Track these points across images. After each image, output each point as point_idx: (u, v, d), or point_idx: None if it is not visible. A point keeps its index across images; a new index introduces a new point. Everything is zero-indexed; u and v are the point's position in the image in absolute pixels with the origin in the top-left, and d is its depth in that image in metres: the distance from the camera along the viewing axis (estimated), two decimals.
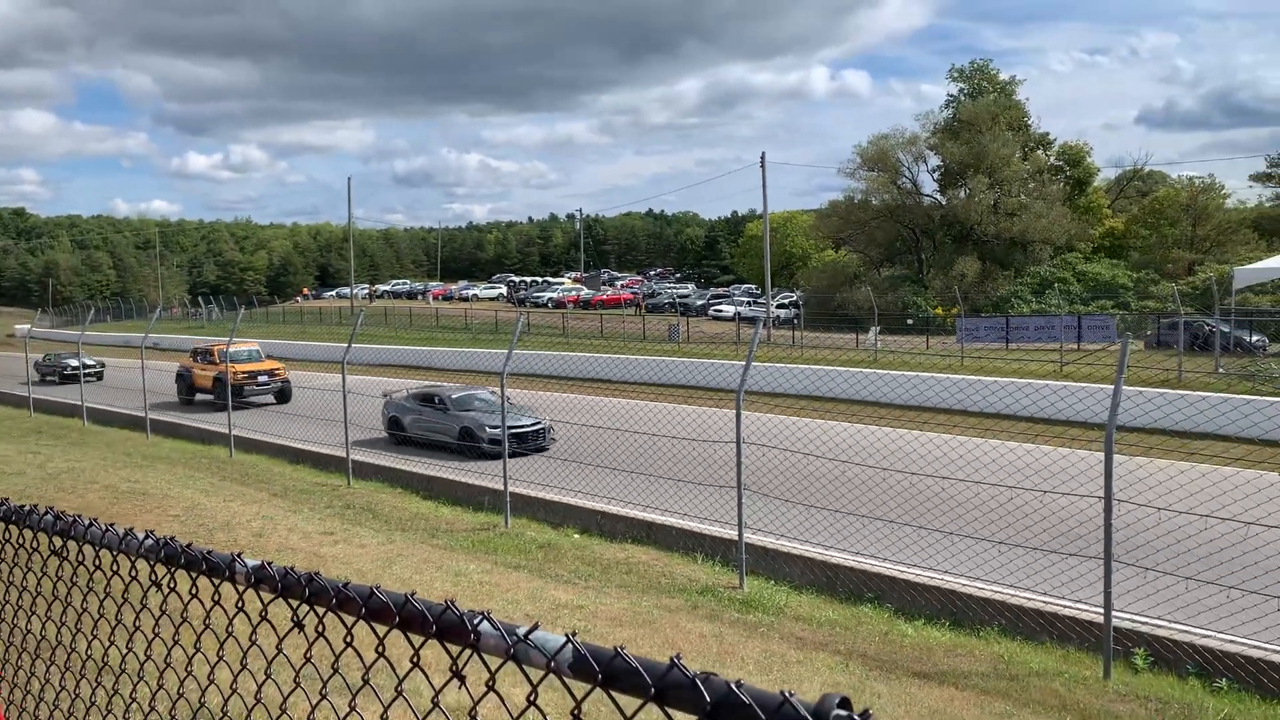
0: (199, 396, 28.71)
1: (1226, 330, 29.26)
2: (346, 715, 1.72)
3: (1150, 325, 36.72)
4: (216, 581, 1.88)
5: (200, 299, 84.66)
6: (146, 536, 2.03)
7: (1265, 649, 8.11)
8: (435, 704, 1.51)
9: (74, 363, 35.27)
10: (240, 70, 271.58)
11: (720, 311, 60.55)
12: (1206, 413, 17.06)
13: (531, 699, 1.34)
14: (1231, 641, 8.31)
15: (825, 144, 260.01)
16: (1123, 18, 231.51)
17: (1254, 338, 31.72)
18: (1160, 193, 62.02)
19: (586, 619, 8.84)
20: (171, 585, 2.03)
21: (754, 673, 7.67)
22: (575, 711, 1.29)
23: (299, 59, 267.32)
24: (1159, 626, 8.72)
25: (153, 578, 2.08)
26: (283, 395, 28.33)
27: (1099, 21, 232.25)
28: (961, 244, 56.13)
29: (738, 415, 10.64)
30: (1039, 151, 60.79)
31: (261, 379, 27.92)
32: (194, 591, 1.99)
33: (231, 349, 24.50)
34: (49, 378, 38.19)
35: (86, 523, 2.21)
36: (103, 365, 37.27)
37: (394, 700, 1.60)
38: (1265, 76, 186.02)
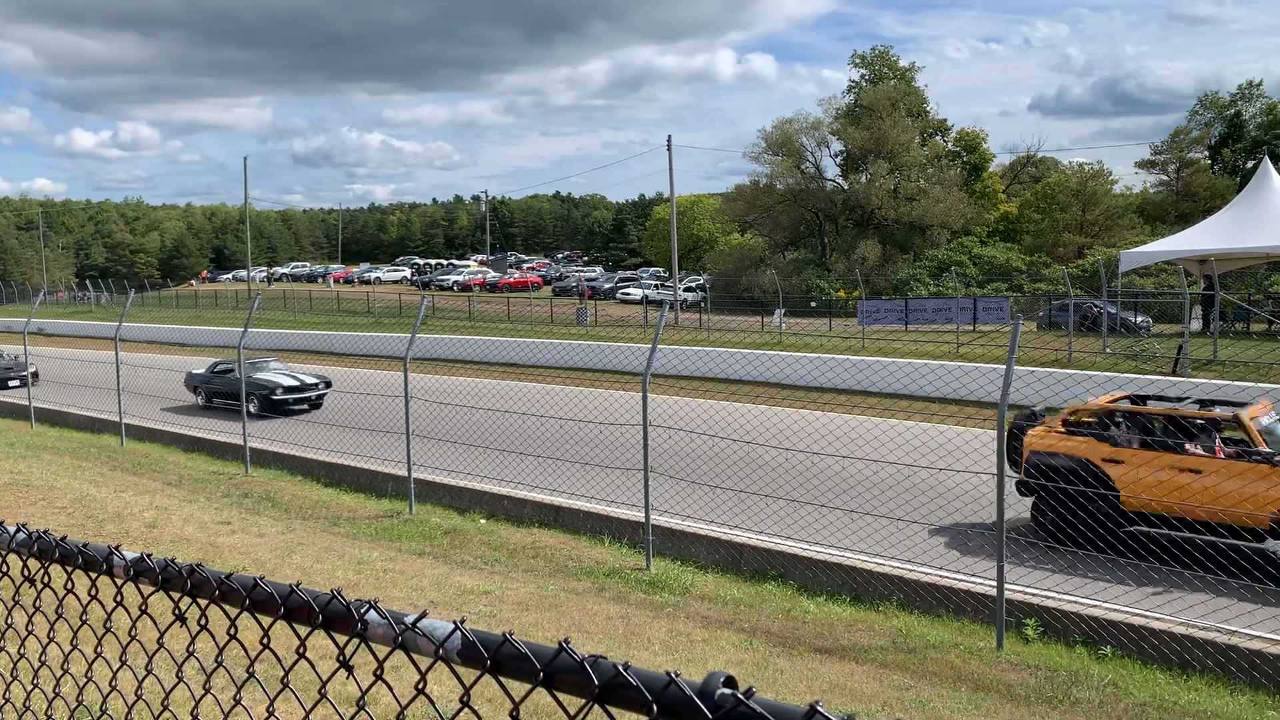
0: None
1: (1113, 311, 30.44)
2: (232, 709, 1.67)
3: (1042, 307, 38.01)
4: (94, 575, 1.81)
5: (88, 282, 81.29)
6: (18, 530, 1.95)
7: (1146, 616, 8.50)
8: (322, 694, 1.48)
9: (285, 380, 22.36)
10: (129, 44, 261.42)
11: (628, 294, 60.72)
12: (1094, 390, 17.71)
13: (420, 687, 1.32)
14: (1115, 610, 8.68)
15: (731, 128, 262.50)
16: (1015, 8, 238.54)
17: (1138, 318, 33.08)
18: (1052, 178, 64.21)
19: (493, 604, 8.79)
20: (45, 580, 1.95)
21: (660, 652, 7.74)
22: (464, 698, 1.28)
23: (191, 33, 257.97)
24: (1048, 598, 9.06)
25: (25, 573, 1.99)
26: None
27: (993, 10, 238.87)
28: (863, 228, 57.26)
29: (644, 398, 10.69)
30: (937, 137, 62.34)
31: None
32: (69, 586, 1.91)
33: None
34: (219, 400, 22.98)
35: None
36: (328, 385, 23.01)
37: (280, 692, 1.56)
38: (1149, 67, 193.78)
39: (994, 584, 8.47)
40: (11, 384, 27.97)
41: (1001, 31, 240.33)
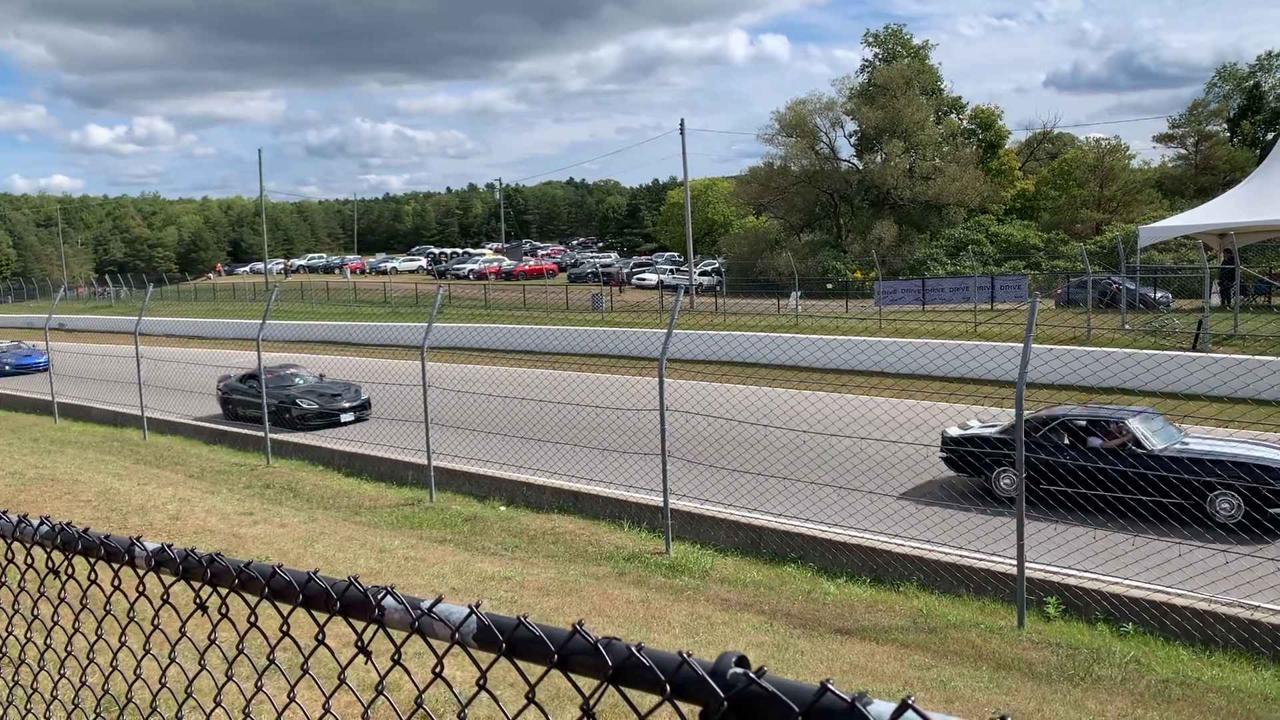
0: None
1: (1132, 288, 30.20)
2: (254, 695, 1.69)
3: (1060, 284, 37.72)
4: (116, 566, 1.83)
5: (107, 277, 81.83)
6: (41, 523, 1.97)
7: (1168, 593, 8.46)
8: (342, 680, 1.50)
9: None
10: (141, 39, 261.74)
11: (644, 280, 60.64)
12: (1112, 368, 17.63)
13: (437, 671, 1.34)
14: (1136, 587, 8.65)
15: (744, 110, 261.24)
16: None
17: (1158, 294, 32.79)
18: (1068, 155, 63.59)
19: (513, 590, 8.84)
20: (69, 572, 1.98)
21: (680, 635, 7.76)
22: (481, 681, 1.29)
23: (203, 27, 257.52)
24: (1069, 575, 9.03)
25: (49, 564, 2.02)
26: None
27: None
28: (878, 208, 56.91)
29: (660, 383, 10.69)
30: (952, 115, 61.81)
31: None
32: (93, 577, 1.94)
33: None
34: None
35: None
36: None
37: (300, 678, 1.58)
38: (1165, 40, 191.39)
39: (1014, 563, 8.45)
40: (345, 419, 19.73)
41: (1014, 7, 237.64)
